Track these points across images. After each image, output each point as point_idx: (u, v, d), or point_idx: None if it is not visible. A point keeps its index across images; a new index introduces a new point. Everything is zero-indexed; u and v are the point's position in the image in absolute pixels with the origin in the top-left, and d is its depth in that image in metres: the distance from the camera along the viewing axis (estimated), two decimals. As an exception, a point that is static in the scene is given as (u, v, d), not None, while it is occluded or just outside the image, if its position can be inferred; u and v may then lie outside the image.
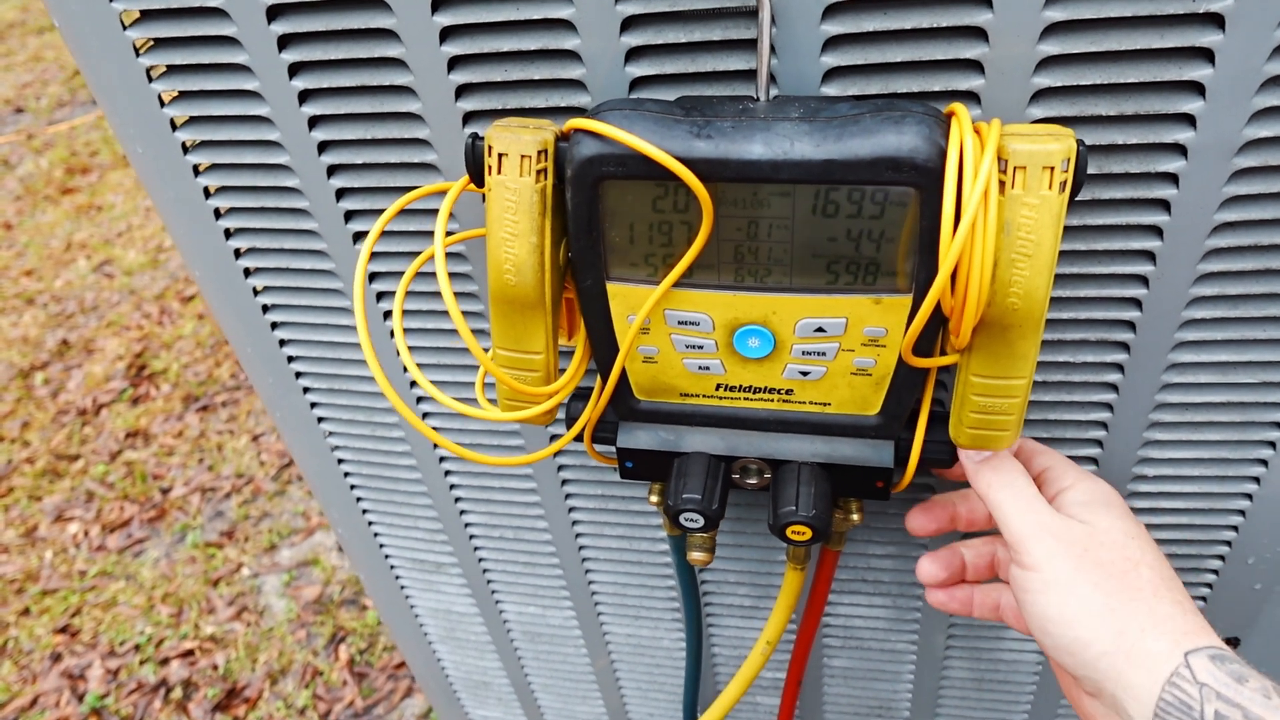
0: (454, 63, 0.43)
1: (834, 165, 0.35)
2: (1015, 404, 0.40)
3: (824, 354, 0.41)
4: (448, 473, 0.63)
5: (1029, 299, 0.36)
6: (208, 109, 0.47)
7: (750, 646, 0.69)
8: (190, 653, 1.69)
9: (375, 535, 0.70)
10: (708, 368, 0.43)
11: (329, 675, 1.63)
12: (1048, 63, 0.38)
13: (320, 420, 0.63)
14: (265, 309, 0.57)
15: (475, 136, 0.40)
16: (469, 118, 0.45)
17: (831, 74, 0.40)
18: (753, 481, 0.47)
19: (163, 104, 0.48)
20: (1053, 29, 0.37)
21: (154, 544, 1.88)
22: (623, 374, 0.44)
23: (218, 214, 0.53)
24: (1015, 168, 0.34)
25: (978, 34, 0.38)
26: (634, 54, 0.41)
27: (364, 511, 0.69)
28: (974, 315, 0.36)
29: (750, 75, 0.41)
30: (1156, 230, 0.43)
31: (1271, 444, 0.50)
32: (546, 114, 0.44)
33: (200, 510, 1.94)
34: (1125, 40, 0.37)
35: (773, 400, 0.44)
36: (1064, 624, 0.39)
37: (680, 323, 0.42)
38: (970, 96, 0.40)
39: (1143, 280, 0.44)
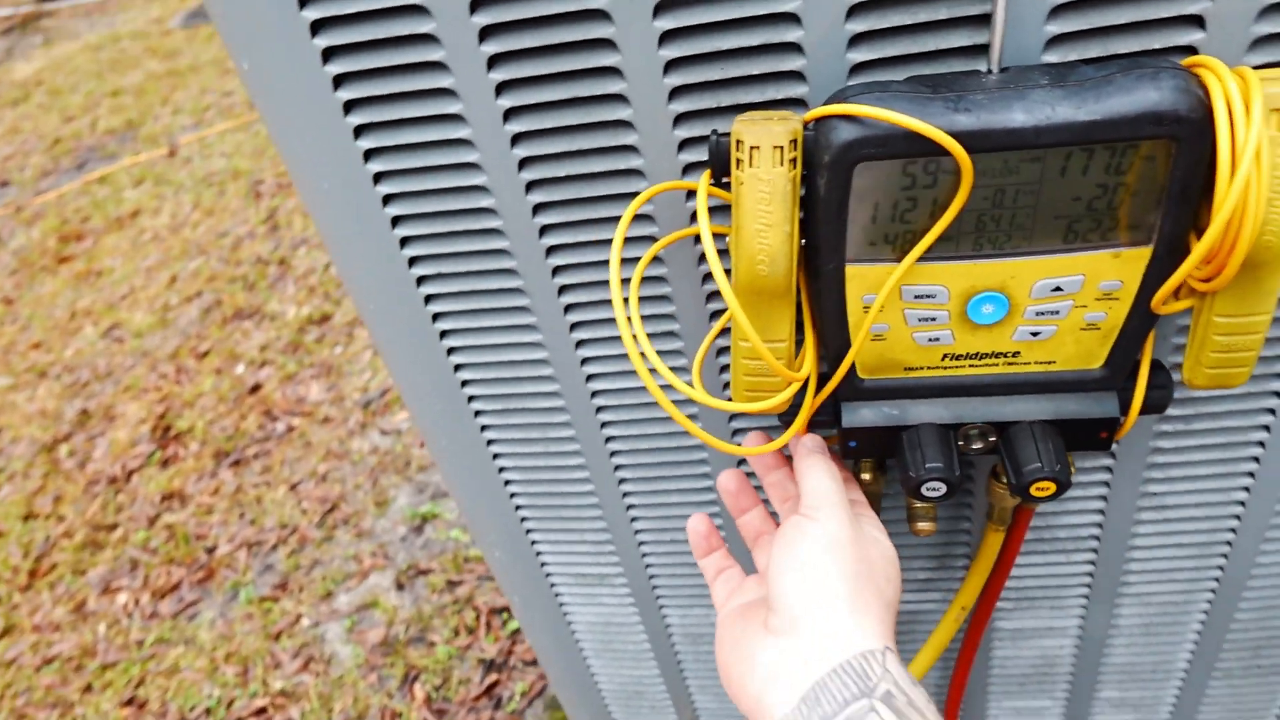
0: (670, 66, 0.44)
1: (1097, 125, 0.37)
2: (1257, 339, 0.42)
3: (1058, 313, 0.43)
4: (621, 481, 0.64)
5: (1284, 236, 0.38)
6: (401, 137, 0.48)
7: (924, 619, 0.70)
8: (263, 710, 1.67)
9: (538, 555, 0.71)
10: (937, 339, 0.44)
11: (408, 715, 1.62)
12: (1269, 10, 0.40)
13: (489, 443, 0.64)
14: (443, 335, 0.57)
15: (717, 133, 0.41)
16: (680, 119, 0.46)
17: (1053, 42, 0.42)
18: (977, 446, 0.48)
19: (356, 136, 0.49)
20: (1271, -23, 0.39)
21: (207, 605, 1.86)
22: (848, 349, 0.45)
23: (403, 243, 0.53)
24: (1272, 110, 0.36)
25: (1198, -11, 0.40)
26: (854, 40, 0.43)
27: (528, 532, 0.69)
28: (1241, 256, 0.37)
29: (967, 51, 0.43)
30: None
31: None
32: (760, 107, 0.45)
33: (249, 565, 1.92)
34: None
35: (998, 364, 0.45)
36: (813, 570, 0.44)
37: (916, 297, 0.43)
38: (1189, 50, 0.41)
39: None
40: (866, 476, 0.53)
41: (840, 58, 0.43)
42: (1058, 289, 0.43)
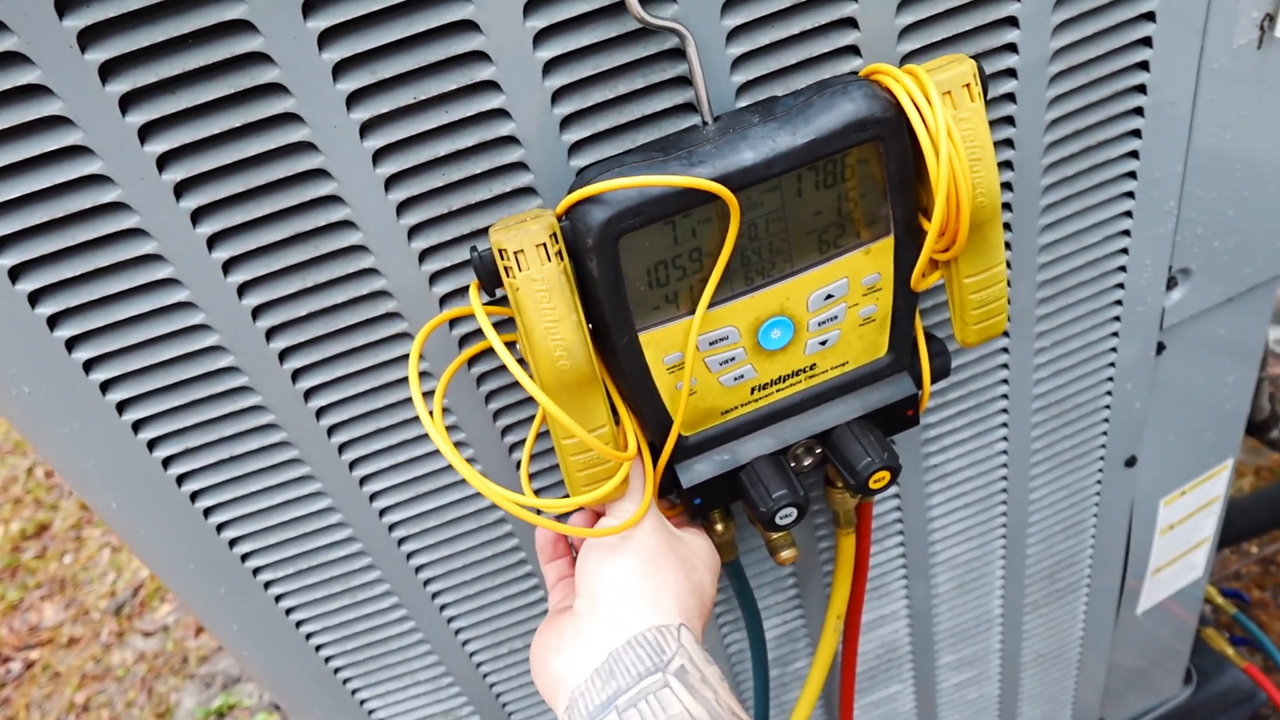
0: (390, 182, 0.43)
1: (815, 144, 0.40)
2: (1002, 289, 0.47)
3: (836, 317, 0.46)
4: (443, 608, 0.60)
5: (990, 192, 0.42)
6: (106, 315, 0.43)
7: (799, 636, 0.72)
8: None
9: (371, 713, 0.65)
10: (742, 376, 0.46)
11: None
12: (906, 31, 0.46)
13: (289, 612, 0.58)
14: (207, 513, 0.52)
15: (475, 249, 0.41)
16: (414, 232, 0.45)
17: (743, 89, 0.45)
18: (809, 462, 0.50)
19: (52, 326, 0.43)
20: (905, 2, 0.45)
21: None
22: (667, 415, 0.45)
23: (136, 429, 0.47)
24: (944, 93, 0.41)
25: (849, 23, 0.45)
26: (565, 122, 0.44)
27: (354, 692, 0.63)
28: (966, 221, 0.42)
29: (671, 112, 0.45)
30: (1010, 120, 0.52)
31: (1121, 285, 0.61)
32: (493, 204, 0.45)
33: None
34: (959, -4, 0.45)
35: (800, 381, 0.47)
36: (621, 553, 0.45)
37: (711, 343, 0.44)
38: (853, 74, 0.46)
39: (1008, 164, 0.53)
40: (719, 528, 0.54)
41: (557, 140, 0.44)
42: (829, 296, 0.46)
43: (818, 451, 0.50)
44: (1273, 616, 1.46)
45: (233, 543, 0.53)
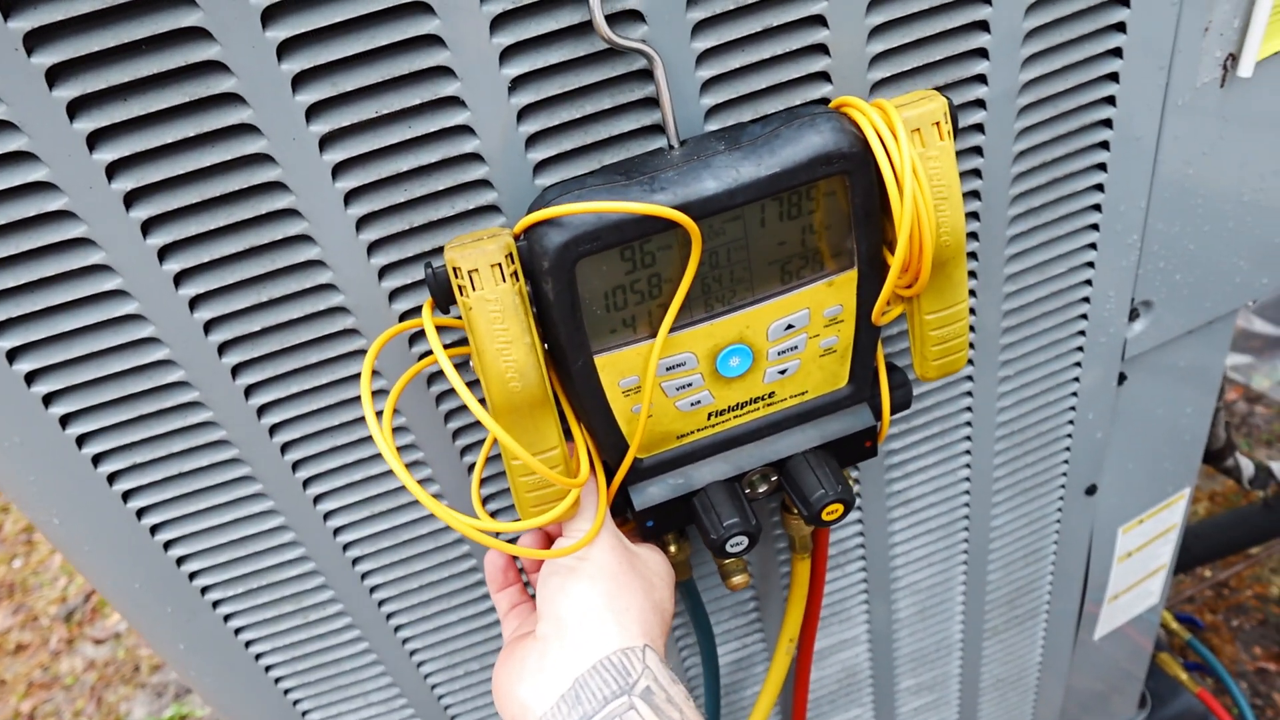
0: (350, 197, 0.42)
1: (779, 176, 0.40)
2: (963, 325, 0.46)
3: (796, 347, 0.45)
4: (398, 629, 0.59)
5: (955, 232, 0.42)
6: (52, 326, 0.42)
7: (754, 661, 0.71)
8: None
9: (322, 734, 0.63)
10: (698, 402, 0.45)
11: None
12: (877, 60, 0.45)
13: (238, 632, 0.56)
14: (154, 530, 0.50)
15: (432, 264, 0.40)
16: (374, 247, 0.44)
17: (711, 112, 0.44)
18: (764, 489, 0.50)
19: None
20: (875, 31, 0.45)
21: None
22: (622, 439, 0.45)
23: (80, 443, 0.46)
24: (912, 130, 0.41)
25: (821, 50, 0.44)
26: (531, 140, 0.43)
27: (304, 714, 0.62)
28: (929, 260, 0.41)
29: (638, 133, 0.44)
30: (978, 150, 0.52)
31: (1085, 316, 0.61)
32: (455, 221, 0.44)
33: None
34: (928, 25, 0.45)
35: (758, 408, 0.47)
36: (581, 576, 0.44)
37: (669, 368, 0.44)
38: (824, 103, 0.46)
39: (975, 194, 0.53)
40: (673, 549, 0.53)
41: (522, 158, 0.43)
42: (790, 326, 0.45)
43: (773, 479, 0.49)
44: (1224, 640, 1.48)
45: (180, 560, 0.52)
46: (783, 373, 0.46)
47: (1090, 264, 0.59)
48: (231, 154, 0.39)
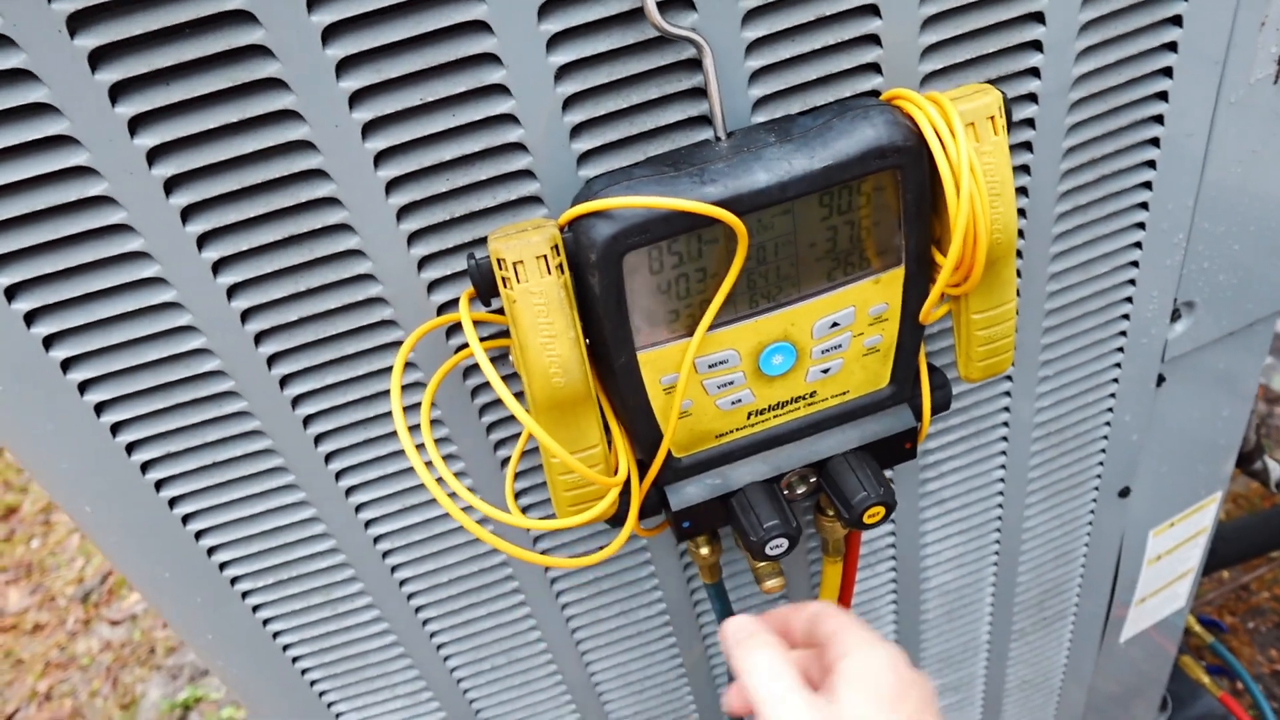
0: (391, 186, 0.41)
1: (832, 170, 0.39)
2: (1010, 325, 0.46)
3: (840, 345, 0.44)
4: (426, 623, 0.59)
5: (1007, 230, 0.41)
6: (89, 313, 0.41)
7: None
8: None
9: (346, 726, 0.63)
10: (739, 400, 0.45)
11: None
12: (929, 51, 0.44)
13: (265, 623, 0.56)
14: (185, 520, 0.50)
15: (474, 254, 0.39)
16: (414, 238, 0.43)
17: (760, 103, 0.43)
18: (802, 490, 0.49)
19: (29, 322, 0.41)
20: (928, 22, 0.44)
21: None
22: (662, 438, 0.44)
23: (114, 431, 0.45)
24: (968, 125, 0.40)
25: (873, 40, 0.43)
26: (575, 131, 0.42)
27: (329, 705, 0.61)
28: (983, 259, 0.40)
29: (684, 125, 0.43)
30: (1027, 145, 0.50)
31: (1127, 316, 0.60)
32: (497, 212, 0.43)
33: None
34: (982, 17, 0.44)
35: (799, 408, 0.46)
36: None
37: (710, 366, 0.43)
38: (874, 94, 0.45)
39: (1023, 190, 0.52)
40: (704, 551, 0.52)
41: (566, 149, 0.42)
42: (835, 324, 0.44)
43: (812, 480, 0.48)
44: (1243, 642, 1.46)
45: (211, 550, 0.51)
46: (825, 371, 0.45)
47: (1135, 263, 0.58)
48: (273, 141, 0.39)
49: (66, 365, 0.43)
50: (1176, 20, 0.48)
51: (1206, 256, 0.60)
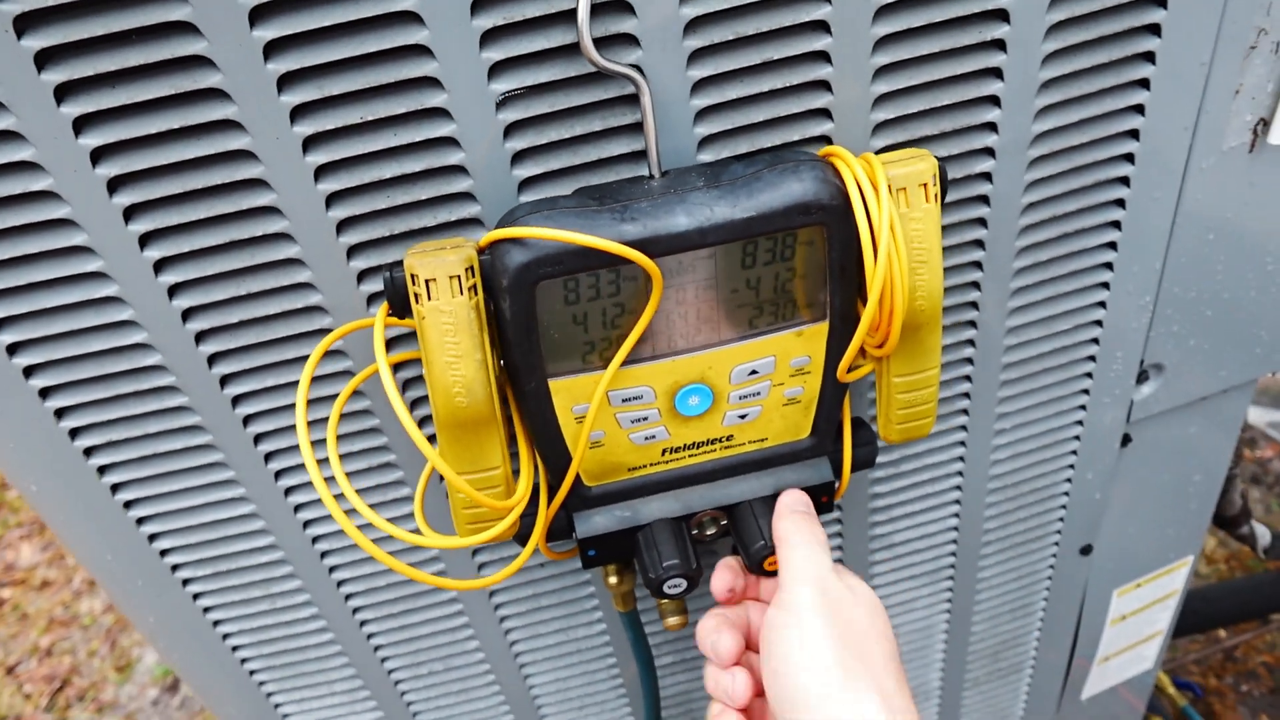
0: (333, 199, 0.42)
1: (754, 221, 0.39)
2: (932, 392, 0.45)
3: (758, 393, 0.44)
4: (363, 624, 0.59)
5: (931, 298, 0.41)
6: (36, 301, 0.42)
7: (698, 699, 0.70)
8: None
9: (285, 717, 0.64)
10: (653, 436, 0.45)
11: None
12: (881, 100, 0.44)
13: (206, 610, 0.57)
14: (128, 505, 0.51)
15: (392, 269, 0.39)
16: (353, 251, 0.44)
17: (705, 142, 0.44)
18: (711, 532, 0.49)
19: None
20: (880, 72, 0.43)
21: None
22: (568, 463, 0.44)
23: (59, 416, 0.47)
24: (898, 190, 0.40)
25: (823, 86, 0.43)
26: (517, 157, 0.42)
27: (269, 695, 0.62)
28: (898, 324, 0.40)
29: (628, 158, 0.44)
30: (984, 199, 0.50)
31: (1090, 374, 0.59)
32: (436, 231, 0.44)
33: (-36, 776, 1.63)
34: (937, 70, 0.44)
35: (715, 450, 0.46)
36: (796, 667, 0.41)
37: (624, 400, 0.43)
38: (824, 140, 0.45)
39: (979, 244, 0.52)
40: (613, 580, 0.52)
41: (507, 174, 0.42)
42: (754, 372, 0.44)
43: (723, 523, 0.48)
44: (1228, 706, 1.43)
45: (151, 538, 0.52)
46: (743, 417, 0.45)
47: (1099, 322, 0.57)
48: (215, 149, 0.39)
49: (12, 350, 0.44)
50: (1144, 83, 0.48)
51: (1176, 320, 0.59)
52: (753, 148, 0.44)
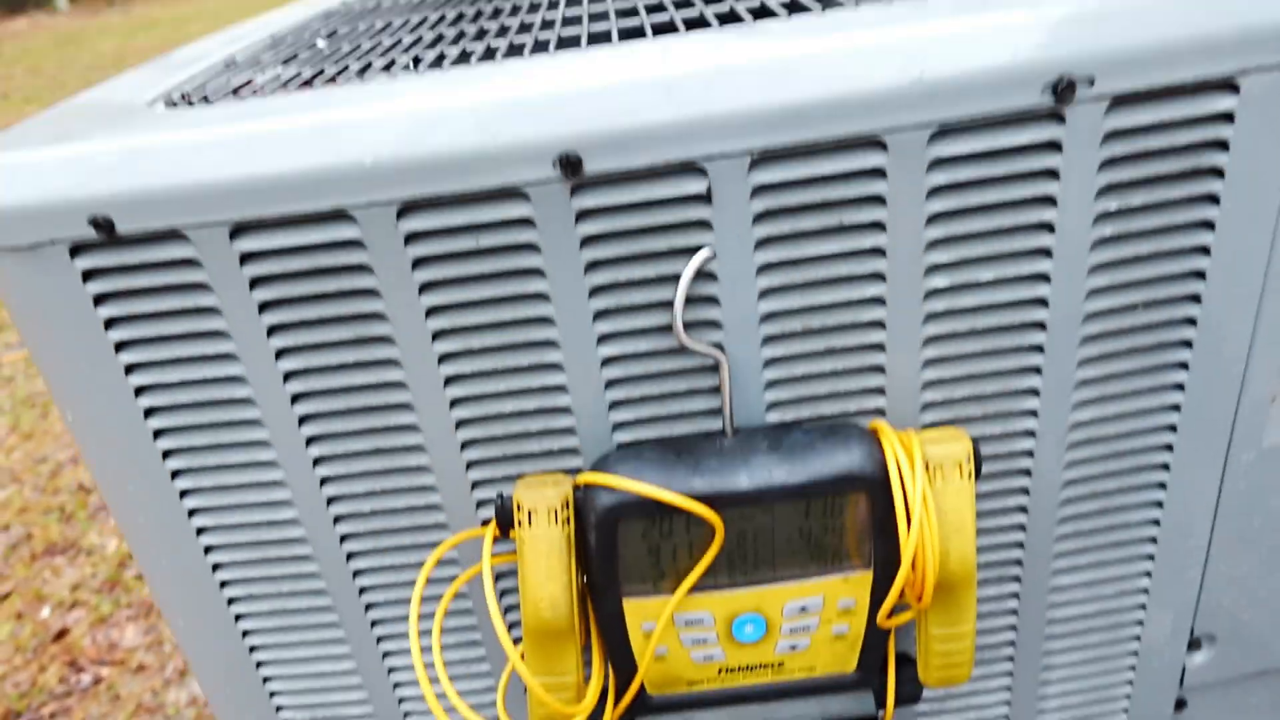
0: (460, 424, 0.51)
1: (806, 486, 0.46)
2: (968, 645, 0.50)
3: (808, 627, 0.50)
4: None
5: (964, 564, 0.46)
6: (224, 515, 0.52)
7: None
8: None
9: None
10: (711, 656, 0.51)
11: None
12: (928, 385, 0.51)
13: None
14: (254, 655, 0.59)
15: (502, 496, 0.48)
16: (472, 465, 0.52)
17: (772, 407, 0.51)
18: (758, 749, 0.54)
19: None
20: (929, 364, 0.50)
21: None
22: (635, 672, 0.50)
23: (229, 602, 0.56)
24: (935, 467, 0.46)
25: (878, 370, 0.51)
26: (614, 405, 0.51)
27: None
28: (931, 584, 0.46)
29: (708, 413, 0.51)
30: (1024, 490, 0.55)
31: (1138, 637, 0.62)
32: (542, 456, 0.52)
33: None
34: (980, 364, 0.51)
35: (767, 673, 0.52)
36: None
37: (687, 623, 0.49)
38: (878, 412, 0.52)
39: (1023, 509, 0.57)
40: None
41: (605, 419, 0.51)
42: (804, 609, 0.50)
43: (772, 742, 0.53)
44: None
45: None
46: (793, 647, 0.51)
47: (1145, 590, 0.60)
48: (371, 357, 0.49)
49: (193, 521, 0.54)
50: (1179, 386, 0.53)
51: (1227, 594, 0.62)
52: (815, 414, 0.51)
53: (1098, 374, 0.52)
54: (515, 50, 0.55)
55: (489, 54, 0.55)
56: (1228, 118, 0.46)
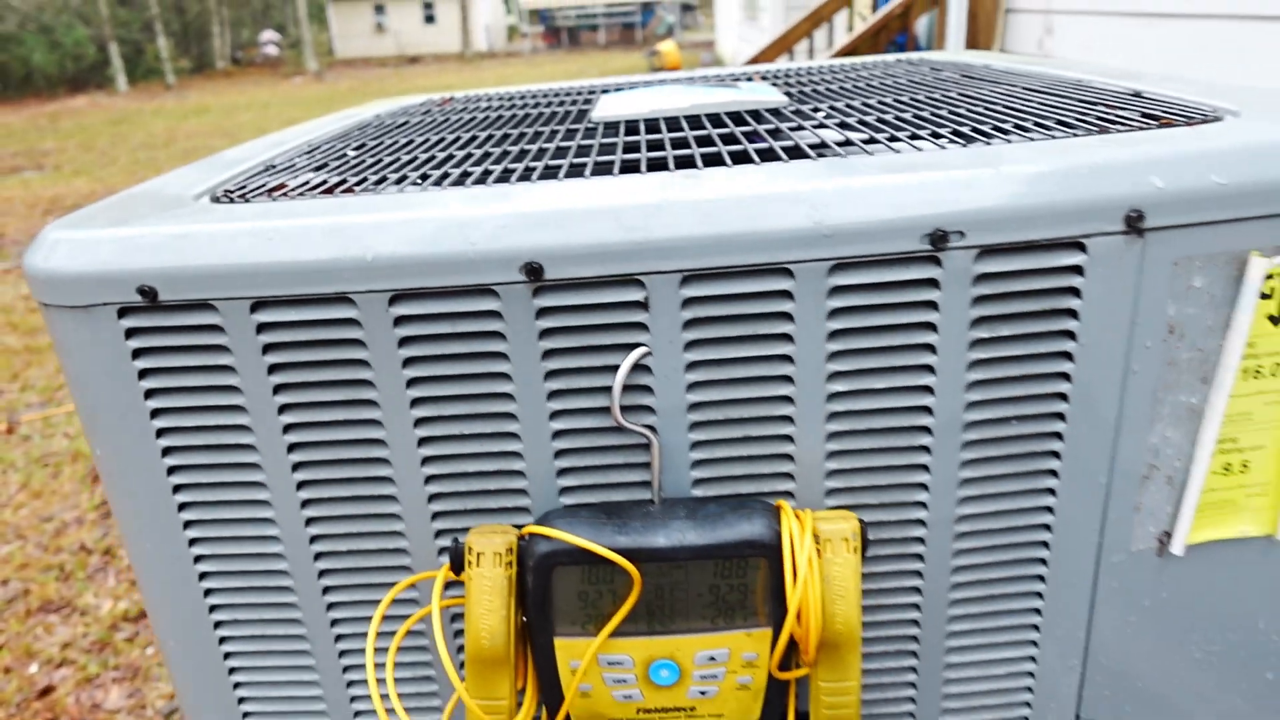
0: (429, 479, 0.60)
1: (712, 548, 0.54)
2: (854, 700, 0.57)
3: (715, 676, 0.57)
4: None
5: (848, 625, 0.54)
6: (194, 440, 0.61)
7: None
8: None
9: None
10: (630, 696, 0.58)
11: None
12: (831, 474, 0.60)
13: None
14: (201, 576, 0.67)
15: (456, 540, 0.56)
16: (437, 515, 0.61)
17: (697, 484, 0.60)
18: (668, 788, 0.60)
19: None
20: (831, 455, 0.59)
21: None
22: (561, 703, 0.58)
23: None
24: (825, 540, 0.54)
25: (788, 458, 0.59)
26: (561, 473, 0.60)
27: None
28: (815, 641, 0.54)
29: (643, 484, 0.60)
30: (918, 574, 0.63)
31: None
32: (498, 513, 0.61)
33: None
34: (875, 459, 0.59)
35: (681, 716, 0.59)
36: None
37: (609, 663, 0.57)
38: (788, 494, 0.60)
39: (917, 590, 0.64)
40: None
41: (553, 482, 0.60)
42: (713, 658, 0.58)
43: (679, 781, 0.60)
44: None
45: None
46: (703, 693, 0.58)
47: (1031, 674, 0.67)
48: (356, 436, 0.59)
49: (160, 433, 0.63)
50: (1050, 491, 0.61)
51: (1107, 685, 0.68)
52: (733, 492, 0.60)
53: (979, 474, 0.60)
54: (505, 176, 0.66)
55: (483, 177, 0.66)
56: (1078, 270, 0.56)
